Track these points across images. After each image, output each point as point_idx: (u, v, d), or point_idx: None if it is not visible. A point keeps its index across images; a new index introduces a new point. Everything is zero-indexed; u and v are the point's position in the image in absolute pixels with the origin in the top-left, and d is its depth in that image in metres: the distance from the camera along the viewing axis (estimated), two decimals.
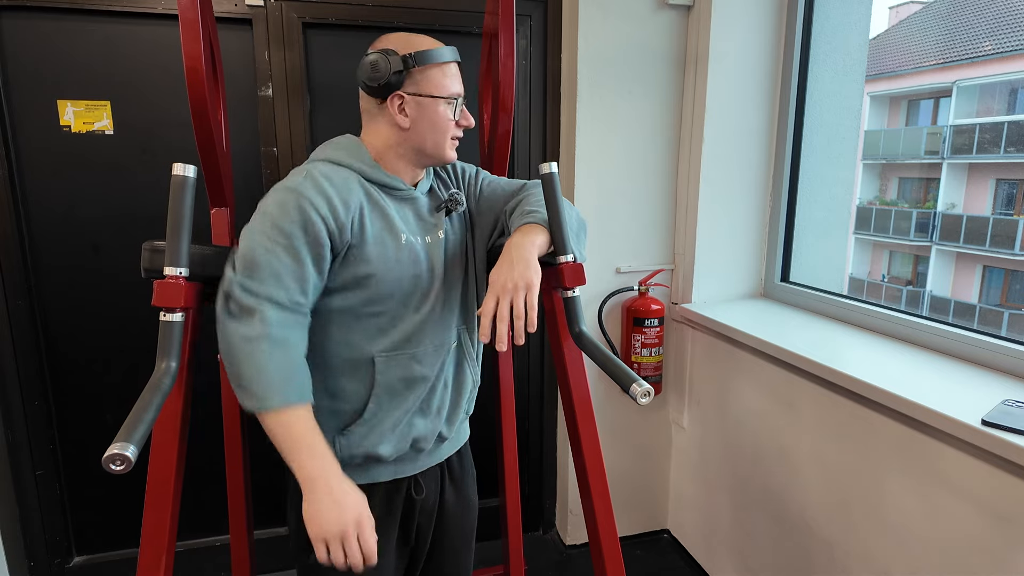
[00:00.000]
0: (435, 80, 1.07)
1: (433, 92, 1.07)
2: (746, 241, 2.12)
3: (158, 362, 0.97)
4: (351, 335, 1.08)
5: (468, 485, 1.33)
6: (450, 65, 1.10)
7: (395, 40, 1.08)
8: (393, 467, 1.16)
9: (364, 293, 1.06)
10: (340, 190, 1.01)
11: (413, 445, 1.15)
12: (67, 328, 1.91)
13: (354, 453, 1.11)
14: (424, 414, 1.15)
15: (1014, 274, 9.17)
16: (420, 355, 1.11)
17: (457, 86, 1.10)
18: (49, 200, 1.83)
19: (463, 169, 1.26)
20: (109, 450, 0.78)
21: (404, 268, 1.07)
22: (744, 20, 1.95)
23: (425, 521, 1.24)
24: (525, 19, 2.03)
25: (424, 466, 1.21)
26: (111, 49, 1.78)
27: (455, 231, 1.17)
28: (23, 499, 1.94)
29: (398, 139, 1.09)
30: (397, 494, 1.18)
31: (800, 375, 1.65)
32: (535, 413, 2.34)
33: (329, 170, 1.04)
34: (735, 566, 1.99)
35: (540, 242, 1.06)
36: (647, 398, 0.95)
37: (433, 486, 1.24)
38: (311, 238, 0.98)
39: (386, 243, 1.05)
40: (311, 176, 1.01)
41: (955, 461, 1.25)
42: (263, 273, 0.96)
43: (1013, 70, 8.85)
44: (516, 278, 0.99)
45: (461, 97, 1.11)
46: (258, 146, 1.90)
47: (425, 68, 1.06)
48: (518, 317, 0.97)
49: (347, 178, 1.04)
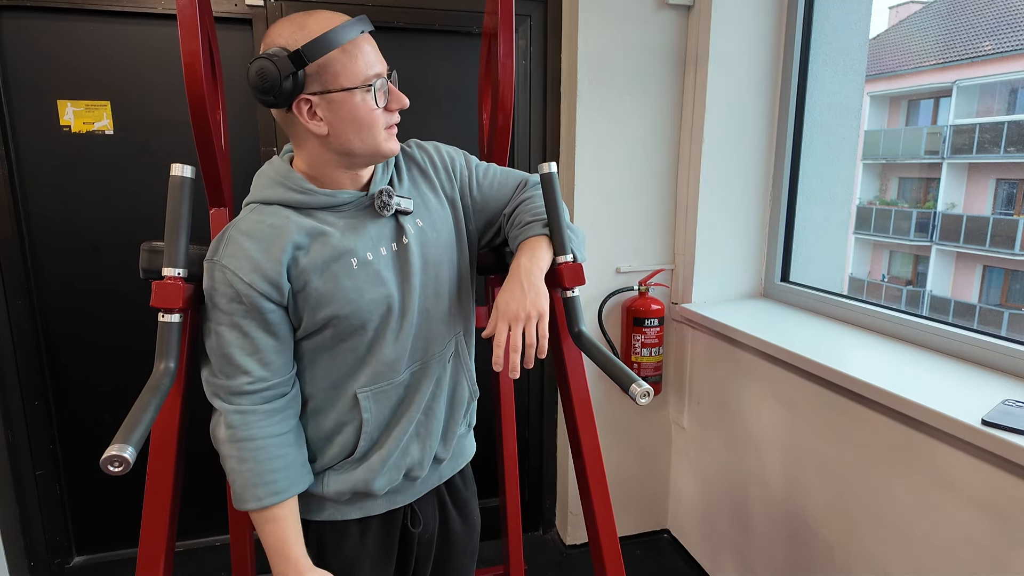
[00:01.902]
0: (340, 68, 0.87)
1: (343, 84, 0.87)
2: (746, 241, 2.12)
3: (156, 363, 0.97)
4: (331, 373, 0.99)
5: (473, 508, 1.24)
6: (356, 42, 0.87)
7: (283, 34, 0.87)
8: (387, 499, 1.08)
9: (330, 331, 0.96)
10: (264, 242, 0.90)
11: (407, 475, 1.06)
12: (67, 328, 1.91)
13: (341, 490, 1.02)
14: (419, 438, 1.06)
15: (1014, 274, 9.17)
16: (408, 379, 1.03)
17: (373, 65, 0.89)
18: (49, 200, 1.83)
19: (449, 156, 1.09)
20: (107, 451, 0.78)
21: (365, 293, 0.94)
22: (744, 20, 1.95)
23: (424, 552, 1.16)
24: (525, 19, 2.03)
25: (420, 493, 1.12)
26: (111, 49, 1.77)
27: (436, 230, 1.03)
28: (23, 499, 1.94)
29: (323, 148, 0.92)
30: (393, 526, 1.10)
31: (800, 375, 1.65)
32: (535, 413, 2.34)
33: (252, 220, 0.92)
34: (735, 566, 1.99)
35: (546, 261, 1.02)
36: (647, 398, 0.94)
37: (432, 513, 1.16)
38: (247, 307, 0.90)
39: (336, 274, 0.92)
40: (230, 240, 0.91)
41: (955, 461, 1.25)
42: (219, 365, 0.93)
43: (1013, 70, 8.85)
44: (528, 307, 0.95)
45: (383, 76, 0.91)
46: (258, 146, 1.90)
47: (324, 59, 0.86)
48: (530, 346, 0.95)
49: (275, 222, 0.92)
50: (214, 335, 0.93)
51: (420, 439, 1.07)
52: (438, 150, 1.09)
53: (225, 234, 0.92)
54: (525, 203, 1.10)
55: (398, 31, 1.94)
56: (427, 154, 1.08)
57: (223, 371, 0.93)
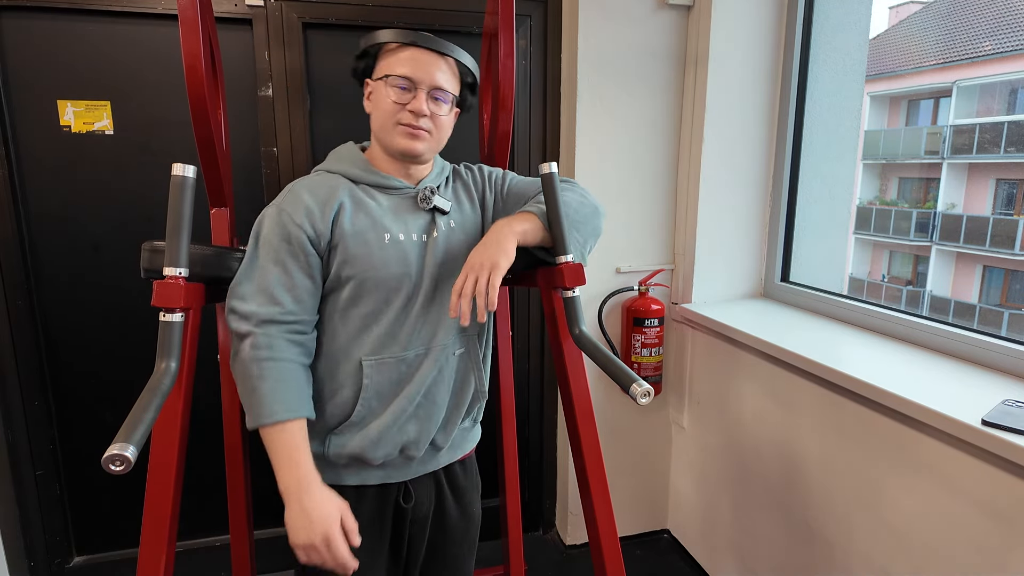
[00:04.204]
0: (384, 63, 1.08)
1: (379, 74, 1.08)
2: (746, 241, 2.12)
3: (157, 362, 0.97)
4: (338, 338, 1.09)
5: (473, 500, 1.30)
6: (404, 48, 1.07)
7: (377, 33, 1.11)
8: (383, 472, 1.16)
9: (346, 291, 1.07)
10: (318, 197, 1.06)
11: (403, 451, 1.14)
12: (67, 328, 1.91)
13: (342, 453, 1.11)
14: (417, 419, 1.14)
15: (1014, 274, 9.17)
16: (411, 359, 1.11)
17: (405, 68, 1.06)
18: (49, 200, 1.83)
19: (491, 172, 1.26)
20: (108, 451, 0.78)
21: (388, 266, 1.07)
22: (744, 20, 1.95)
23: (418, 532, 1.22)
24: (525, 19, 2.03)
25: (416, 473, 1.19)
26: (111, 49, 1.77)
27: (464, 231, 1.15)
28: (23, 499, 1.94)
29: (373, 132, 1.13)
30: (387, 499, 1.18)
31: (800, 375, 1.65)
32: (535, 413, 2.34)
33: (315, 180, 1.10)
34: (735, 566, 1.99)
35: (523, 229, 1.08)
36: (647, 398, 0.95)
37: (427, 495, 1.22)
38: (294, 247, 1.03)
39: (368, 241, 1.06)
40: (291, 191, 1.08)
41: (955, 461, 1.25)
42: (257, 297, 1.02)
43: (1013, 70, 8.86)
44: (484, 259, 1.02)
45: (410, 81, 1.06)
46: (258, 146, 1.90)
47: (382, 53, 1.08)
48: (479, 295, 1.00)
49: (332, 184, 1.09)
50: (259, 270, 1.03)
51: (419, 420, 1.14)
52: (481, 169, 1.27)
53: (290, 187, 1.09)
54: (536, 197, 1.19)
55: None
56: (471, 172, 1.25)
57: (259, 301, 1.02)
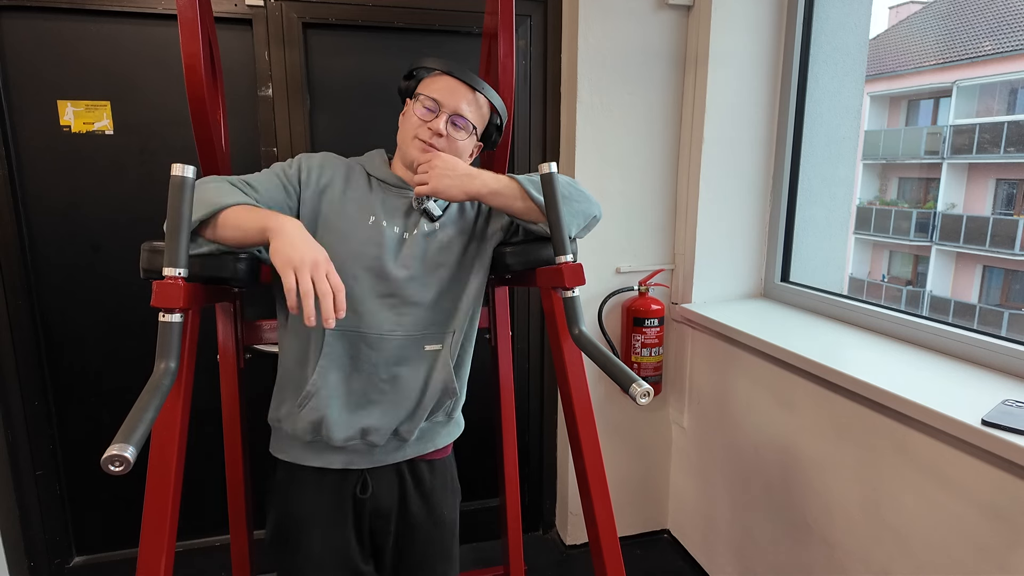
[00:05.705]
0: (423, 86, 1.18)
1: (417, 93, 1.17)
2: (746, 241, 2.12)
3: (157, 362, 0.97)
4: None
5: (441, 501, 1.30)
6: (441, 76, 1.17)
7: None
8: (345, 456, 1.19)
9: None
10: (325, 164, 1.19)
11: (365, 436, 1.17)
12: (67, 328, 1.91)
13: (304, 427, 1.14)
14: (380, 404, 1.16)
15: (1014, 274, 9.18)
16: (373, 340, 1.14)
17: (436, 92, 1.15)
18: (49, 200, 1.83)
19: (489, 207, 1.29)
20: (108, 451, 0.78)
21: (364, 244, 1.13)
22: (744, 20, 1.95)
23: (381, 525, 1.24)
24: (525, 19, 2.03)
25: (379, 463, 1.21)
26: (111, 49, 1.78)
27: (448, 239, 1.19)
28: (23, 499, 1.95)
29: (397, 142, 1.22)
30: (346, 487, 1.21)
31: (800, 375, 1.65)
32: (535, 413, 2.34)
33: (337, 157, 1.23)
34: (735, 566, 1.99)
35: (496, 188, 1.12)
36: (647, 398, 0.94)
37: (387, 488, 1.23)
38: (286, 177, 1.15)
39: (351, 217, 1.14)
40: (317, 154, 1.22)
41: (955, 461, 1.25)
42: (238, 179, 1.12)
43: (1013, 70, 8.86)
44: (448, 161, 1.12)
45: (437, 103, 1.15)
46: (258, 146, 1.90)
47: (423, 78, 1.19)
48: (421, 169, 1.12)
49: (349, 164, 1.21)
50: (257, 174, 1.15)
51: (382, 406, 1.17)
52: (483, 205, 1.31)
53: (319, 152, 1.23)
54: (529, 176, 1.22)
55: (398, 31, 1.94)
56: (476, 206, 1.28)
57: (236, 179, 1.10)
